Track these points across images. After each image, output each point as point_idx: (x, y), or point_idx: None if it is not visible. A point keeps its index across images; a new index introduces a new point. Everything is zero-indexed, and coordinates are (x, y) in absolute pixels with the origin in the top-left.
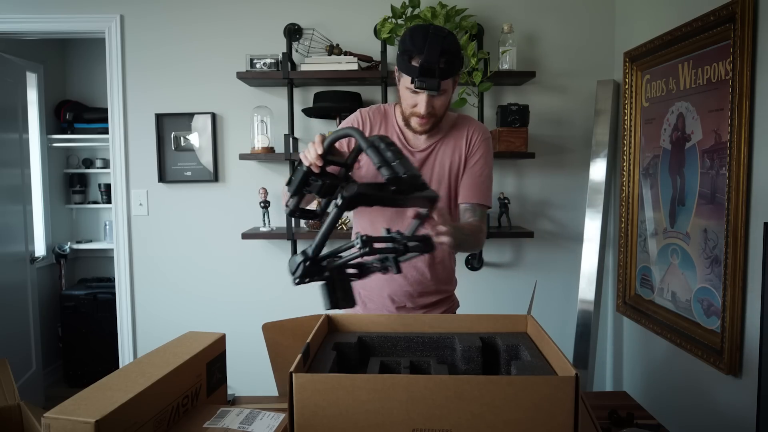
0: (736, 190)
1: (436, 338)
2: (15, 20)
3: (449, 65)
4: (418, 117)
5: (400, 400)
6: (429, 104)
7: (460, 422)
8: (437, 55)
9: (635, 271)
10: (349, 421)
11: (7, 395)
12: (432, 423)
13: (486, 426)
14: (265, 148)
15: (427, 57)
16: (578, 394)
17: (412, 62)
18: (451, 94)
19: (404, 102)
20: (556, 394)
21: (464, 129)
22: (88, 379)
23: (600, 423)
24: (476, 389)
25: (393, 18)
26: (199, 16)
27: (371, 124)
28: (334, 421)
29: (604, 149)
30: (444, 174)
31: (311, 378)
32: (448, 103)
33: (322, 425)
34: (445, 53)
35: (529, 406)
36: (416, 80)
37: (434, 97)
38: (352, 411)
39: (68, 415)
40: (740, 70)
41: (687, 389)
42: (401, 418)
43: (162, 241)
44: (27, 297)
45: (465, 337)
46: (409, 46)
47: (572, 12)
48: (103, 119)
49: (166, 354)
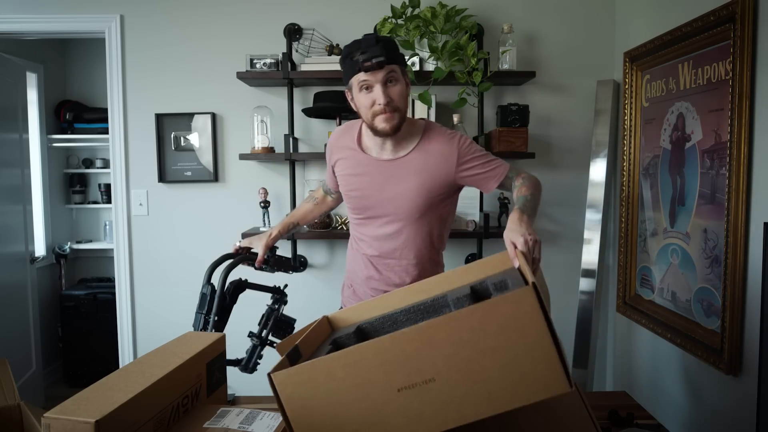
0: (736, 190)
1: (431, 303)
2: (15, 20)
3: (390, 52)
4: (381, 112)
5: (375, 365)
6: (385, 93)
7: (439, 368)
8: (374, 42)
9: (635, 271)
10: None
11: (7, 395)
12: (413, 378)
13: (466, 363)
14: (265, 148)
15: (365, 46)
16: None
17: (354, 59)
18: (405, 87)
19: (363, 109)
20: (519, 309)
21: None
22: (88, 379)
23: (600, 423)
24: (441, 331)
25: (393, 18)
26: (200, 16)
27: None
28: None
29: (604, 149)
30: (424, 185)
31: (287, 373)
32: (406, 97)
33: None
34: (380, 41)
35: (497, 330)
36: (362, 64)
37: (388, 87)
38: (336, 391)
39: (68, 415)
40: (740, 70)
41: (687, 389)
42: (382, 382)
43: (162, 241)
44: (27, 297)
45: (457, 291)
46: (347, 52)
47: (572, 12)
48: (103, 119)
49: (166, 354)
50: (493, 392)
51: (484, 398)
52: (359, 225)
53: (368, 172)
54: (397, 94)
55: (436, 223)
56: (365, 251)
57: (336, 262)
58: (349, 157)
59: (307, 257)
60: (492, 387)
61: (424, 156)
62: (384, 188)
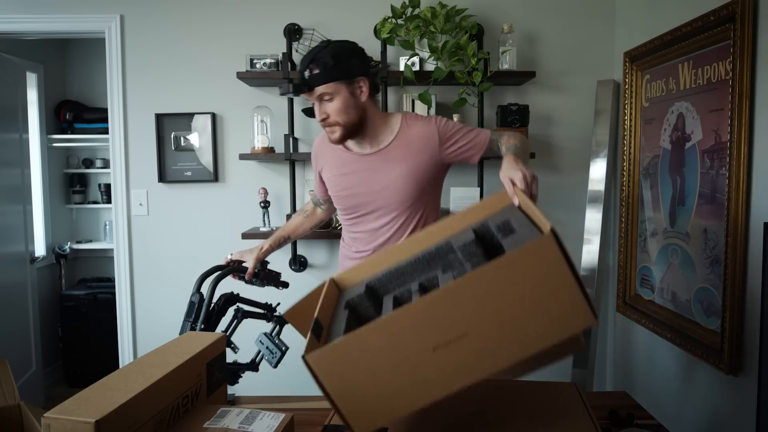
0: (736, 190)
1: (435, 250)
2: (15, 20)
3: (321, 72)
4: (323, 127)
5: (408, 330)
6: (321, 110)
7: (470, 323)
8: (305, 65)
9: (635, 271)
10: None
11: (7, 395)
12: (446, 335)
13: (495, 314)
14: (265, 148)
15: (300, 69)
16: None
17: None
18: (347, 99)
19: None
20: (540, 256)
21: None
22: (88, 379)
23: (600, 423)
24: (469, 288)
25: (393, 18)
26: (200, 16)
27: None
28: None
29: (604, 149)
30: (411, 170)
31: (322, 353)
32: (347, 108)
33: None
34: (313, 61)
35: (522, 280)
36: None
37: (322, 103)
38: (373, 361)
39: (68, 415)
40: (740, 70)
41: (687, 389)
42: (417, 345)
43: (162, 241)
44: (27, 297)
45: (460, 236)
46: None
47: (572, 12)
48: (103, 119)
49: (166, 354)
50: (523, 337)
51: (515, 343)
52: (354, 224)
53: (354, 169)
54: (332, 110)
55: (428, 207)
56: (361, 249)
57: (336, 262)
58: (334, 158)
59: (307, 257)
60: (522, 332)
61: (406, 143)
62: (372, 181)
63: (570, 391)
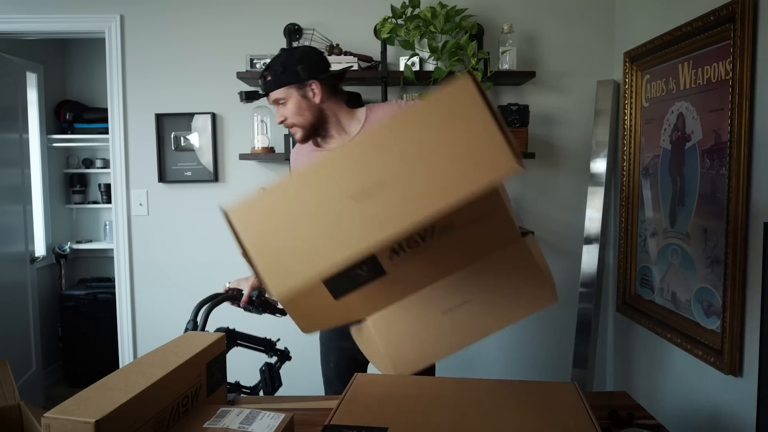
0: (736, 190)
1: None
2: (15, 20)
3: (273, 79)
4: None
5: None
6: (279, 113)
7: (392, 170)
8: (261, 73)
9: (635, 271)
10: (294, 224)
11: (7, 395)
12: (365, 181)
13: (414, 159)
14: (265, 148)
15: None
16: (481, 89)
17: None
18: (297, 101)
19: None
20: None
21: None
22: (88, 379)
23: (600, 423)
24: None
25: (393, 18)
26: (200, 16)
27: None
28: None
29: (604, 149)
30: None
31: (242, 207)
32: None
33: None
34: (267, 69)
35: (440, 123)
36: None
37: (279, 107)
38: (294, 214)
39: (68, 415)
40: (740, 70)
41: (687, 389)
42: (336, 193)
43: (162, 241)
44: (27, 297)
45: None
46: None
47: (572, 12)
48: (103, 119)
49: (166, 354)
50: (447, 184)
51: (440, 191)
52: None
53: None
54: (288, 113)
55: None
56: None
57: None
58: (309, 158)
59: None
60: (445, 179)
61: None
62: None
63: (570, 390)
